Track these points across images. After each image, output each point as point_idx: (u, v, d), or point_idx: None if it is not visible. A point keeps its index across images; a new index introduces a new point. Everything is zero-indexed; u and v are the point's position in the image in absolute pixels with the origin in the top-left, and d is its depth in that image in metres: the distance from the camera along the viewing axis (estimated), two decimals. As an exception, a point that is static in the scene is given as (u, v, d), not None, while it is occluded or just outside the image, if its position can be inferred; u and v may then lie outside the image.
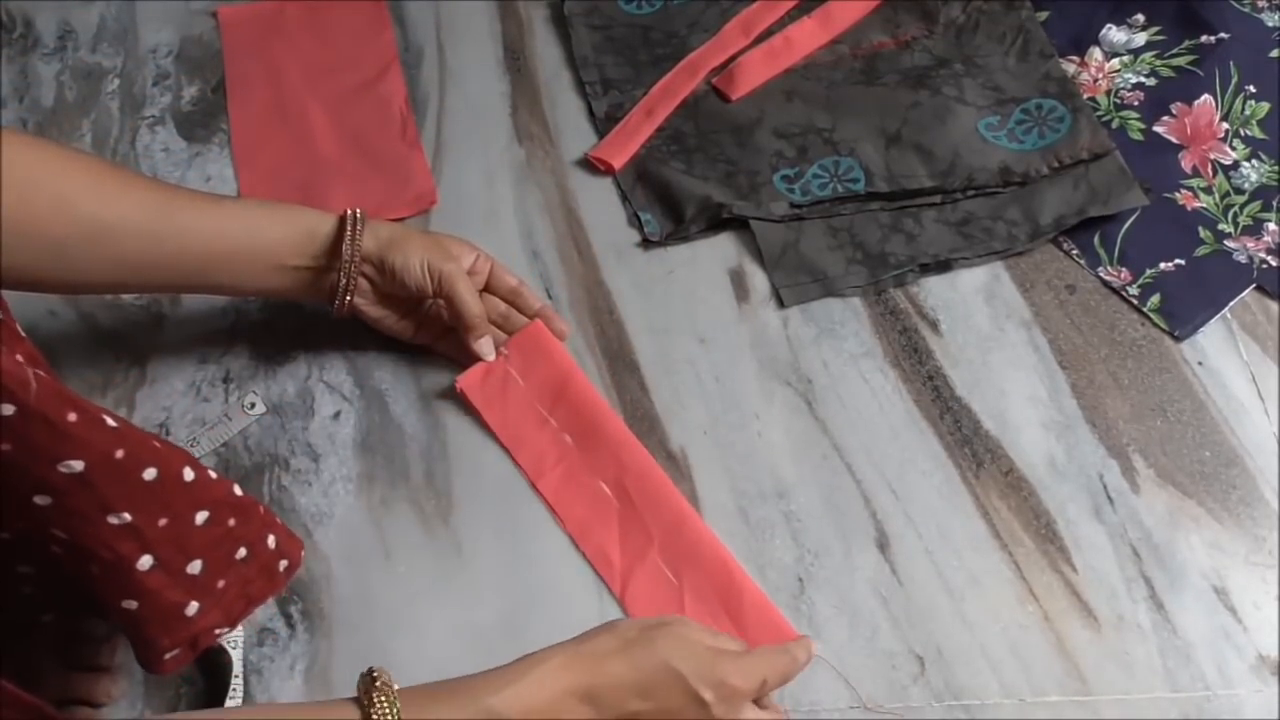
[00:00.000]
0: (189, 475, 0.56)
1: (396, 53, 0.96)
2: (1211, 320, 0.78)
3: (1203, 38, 0.89)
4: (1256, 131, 0.85)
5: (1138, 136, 0.86)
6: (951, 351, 0.78)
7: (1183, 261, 0.80)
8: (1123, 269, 0.80)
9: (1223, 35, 0.88)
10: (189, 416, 0.78)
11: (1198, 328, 0.78)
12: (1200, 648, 0.66)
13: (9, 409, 0.46)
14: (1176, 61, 0.89)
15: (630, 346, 0.79)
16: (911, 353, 0.78)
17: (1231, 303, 0.79)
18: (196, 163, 0.91)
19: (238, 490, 0.60)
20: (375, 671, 0.53)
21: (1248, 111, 0.86)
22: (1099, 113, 0.87)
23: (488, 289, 0.78)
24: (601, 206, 0.87)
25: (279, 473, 0.75)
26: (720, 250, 0.84)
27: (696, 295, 0.82)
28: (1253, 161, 0.84)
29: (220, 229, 0.67)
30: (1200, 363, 0.77)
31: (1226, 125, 0.86)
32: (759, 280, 0.82)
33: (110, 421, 0.52)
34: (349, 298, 0.72)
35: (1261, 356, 0.77)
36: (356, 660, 0.68)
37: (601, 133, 0.90)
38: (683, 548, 0.70)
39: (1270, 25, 0.89)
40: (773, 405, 0.76)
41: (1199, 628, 0.67)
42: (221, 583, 0.59)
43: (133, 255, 0.64)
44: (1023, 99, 0.88)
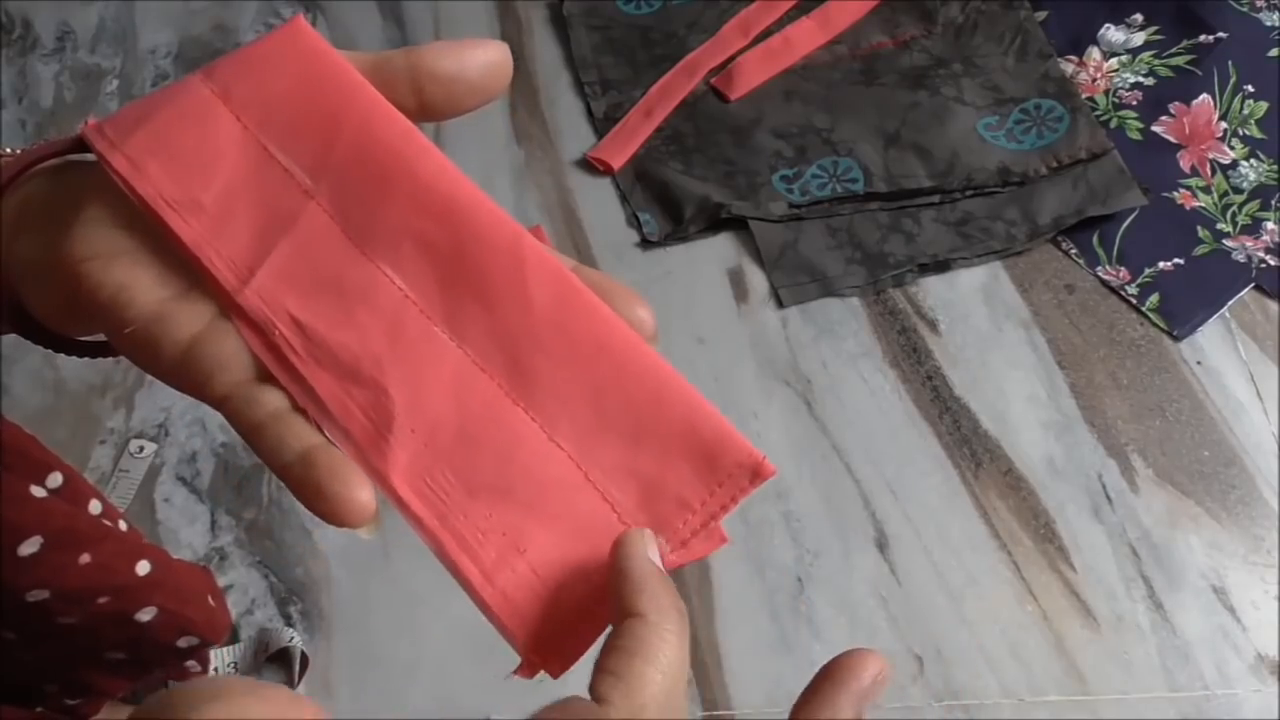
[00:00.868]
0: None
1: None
2: (1210, 319, 0.78)
3: (1201, 37, 0.89)
4: (1255, 131, 0.85)
5: (1136, 136, 0.86)
6: (950, 351, 0.78)
7: (1181, 261, 0.80)
8: (1121, 268, 0.80)
9: (1221, 35, 0.88)
10: (188, 416, 0.78)
11: (1196, 327, 0.78)
12: (1199, 647, 0.66)
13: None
14: (1175, 61, 0.89)
15: (629, 346, 0.79)
16: (910, 353, 0.78)
17: (1230, 302, 0.79)
18: (196, 163, 0.91)
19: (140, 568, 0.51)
20: None
21: (1246, 111, 0.86)
22: (1097, 112, 0.87)
23: None
24: (600, 206, 0.87)
25: (278, 473, 0.75)
26: (719, 250, 0.84)
27: (695, 295, 0.82)
28: (1251, 161, 0.84)
29: None
30: (1199, 362, 0.77)
31: (1225, 125, 0.86)
32: (758, 280, 0.82)
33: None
34: None
35: (1260, 356, 0.77)
36: (357, 660, 0.68)
37: (600, 133, 0.90)
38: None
39: (1268, 25, 0.89)
40: (772, 405, 0.76)
41: (1198, 627, 0.67)
42: None
43: None
44: (1021, 99, 0.88)
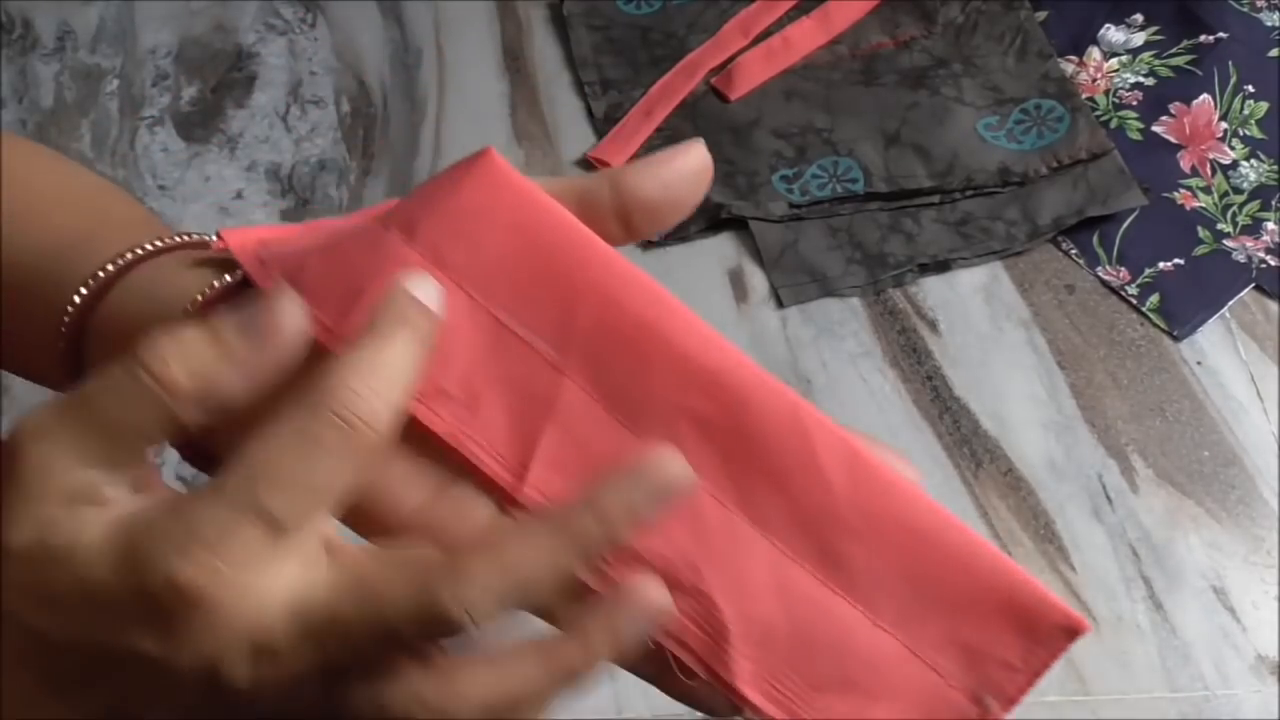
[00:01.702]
0: None
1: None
2: (1210, 320, 0.78)
3: (1201, 37, 0.89)
4: (1255, 131, 0.85)
5: (1136, 136, 0.86)
6: (950, 351, 0.78)
7: (1181, 261, 0.80)
8: (1121, 268, 0.80)
9: (1221, 35, 0.88)
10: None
11: (1196, 327, 0.78)
12: (1199, 647, 0.66)
13: None
14: (1175, 61, 0.89)
15: (629, 347, 0.79)
16: (910, 353, 0.78)
17: (1230, 302, 0.78)
18: (195, 163, 0.91)
19: None
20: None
21: (1246, 111, 0.86)
22: (1097, 113, 0.87)
23: None
24: (600, 207, 0.86)
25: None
26: (719, 250, 0.84)
27: (695, 295, 0.80)
28: (1251, 161, 0.84)
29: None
30: (1199, 362, 0.77)
31: (1225, 125, 0.85)
32: (758, 280, 0.82)
33: None
34: None
35: (1260, 356, 0.77)
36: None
37: (600, 133, 0.90)
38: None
39: (1269, 25, 0.89)
40: (771, 405, 0.76)
41: (1198, 628, 0.67)
42: None
43: None
44: (1021, 99, 0.88)
